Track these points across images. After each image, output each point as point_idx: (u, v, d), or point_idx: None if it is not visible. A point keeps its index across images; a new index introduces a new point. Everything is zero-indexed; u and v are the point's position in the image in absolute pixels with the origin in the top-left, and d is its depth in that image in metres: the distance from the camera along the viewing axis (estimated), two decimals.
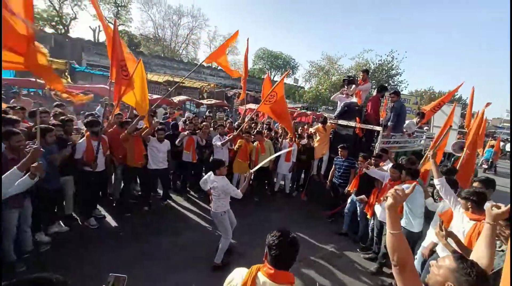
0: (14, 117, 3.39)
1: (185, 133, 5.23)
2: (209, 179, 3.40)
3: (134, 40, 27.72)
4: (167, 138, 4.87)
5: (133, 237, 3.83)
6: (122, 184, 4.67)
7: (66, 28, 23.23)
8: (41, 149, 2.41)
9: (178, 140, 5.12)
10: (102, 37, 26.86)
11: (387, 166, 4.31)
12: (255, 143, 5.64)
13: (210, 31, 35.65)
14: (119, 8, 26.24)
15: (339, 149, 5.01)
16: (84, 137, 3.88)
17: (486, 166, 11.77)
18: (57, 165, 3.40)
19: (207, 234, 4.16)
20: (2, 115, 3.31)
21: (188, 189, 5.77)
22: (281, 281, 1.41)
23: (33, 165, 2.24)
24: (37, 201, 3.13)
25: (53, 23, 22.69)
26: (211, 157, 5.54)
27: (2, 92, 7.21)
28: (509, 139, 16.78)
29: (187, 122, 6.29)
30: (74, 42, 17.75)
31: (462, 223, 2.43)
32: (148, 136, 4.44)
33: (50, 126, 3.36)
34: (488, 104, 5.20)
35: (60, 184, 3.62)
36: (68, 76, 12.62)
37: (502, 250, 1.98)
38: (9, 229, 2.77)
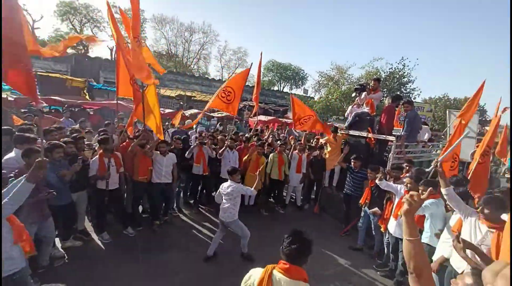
0: (32, 135, 3.56)
1: (195, 144, 5.25)
2: (223, 187, 3.74)
3: None
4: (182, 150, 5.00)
5: (143, 252, 3.83)
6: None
7: (85, 48, 24.71)
8: (46, 159, 2.46)
9: (187, 152, 5.15)
10: None
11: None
12: (272, 155, 5.55)
13: (221, 45, 36.98)
14: None
15: (352, 160, 4.91)
16: (97, 155, 3.94)
17: (509, 176, 11.08)
18: (67, 181, 3.44)
19: (218, 248, 4.11)
20: (22, 134, 3.49)
21: (197, 203, 5.69)
22: (295, 277, 1.52)
23: (38, 160, 2.15)
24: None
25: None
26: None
27: (27, 109, 7.67)
28: None
29: (203, 135, 6.39)
30: (93, 61, 18.83)
31: (475, 233, 2.31)
32: (152, 151, 4.45)
33: (59, 142, 3.45)
34: (505, 109, 4.86)
35: (72, 200, 3.69)
36: (87, 93, 13.29)
37: None
38: None
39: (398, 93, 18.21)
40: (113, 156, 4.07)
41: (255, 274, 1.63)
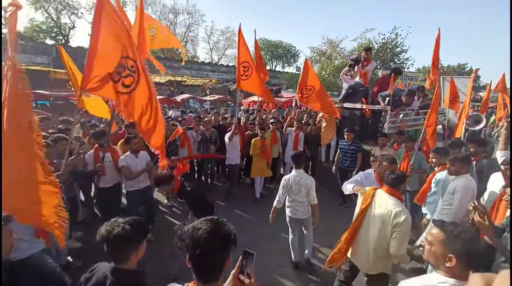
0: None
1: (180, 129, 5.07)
2: (293, 179, 3.12)
3: None
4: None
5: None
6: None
7: (66, 38, 23.48)
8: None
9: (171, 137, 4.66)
10: None
11: (387, 151, 4.21)
12: (265, 134, 5.33)
13: (207, 26, 35.34)
14: None
15: (345, 133, 4.89)
16: (93, 149, 3.69)
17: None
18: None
19: None
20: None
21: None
22: (393, 195, 2.14)
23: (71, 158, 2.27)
24: None
25: (53, 34, 22.96)
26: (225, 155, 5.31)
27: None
28: None
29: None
30: (75, 51, 17.98)
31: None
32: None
33: (62, 135, 3.40)
34: (476, 70, 5.13)
35: (75, 192, 3.66)
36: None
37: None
38: None
39: (392, 63, 17.92)
40: (111, 150, 3.71)
41: None
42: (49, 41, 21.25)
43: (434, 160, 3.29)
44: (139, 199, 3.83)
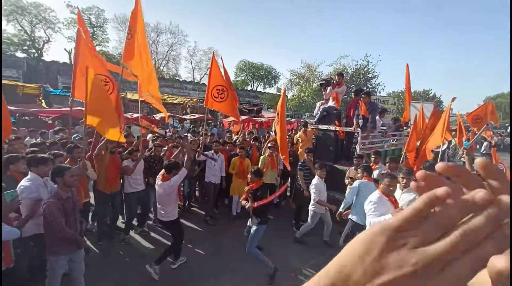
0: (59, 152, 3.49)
1: (165, 147, 5.05)
2: (320, 183, 4.15)
3: (112, 60, 27.37)
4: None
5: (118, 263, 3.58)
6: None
7: (39, 51, 22.66)
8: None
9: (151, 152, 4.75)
10: None
11: (379, 170, 4.35)
12: (263, 157, 5.29)
13: (190, 46, 35.90)
14: (95, 29, 26.01)
15: (305, 154, 4.98)
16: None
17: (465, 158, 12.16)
18: None
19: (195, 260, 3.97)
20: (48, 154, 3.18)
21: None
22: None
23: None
24: None
25: (25, 47, 22.08)
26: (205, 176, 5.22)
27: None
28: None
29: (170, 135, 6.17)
30: (49, 65, 17.29)
31: None
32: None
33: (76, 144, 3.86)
34: (453, 99, 5.38)
35: None
36: (43, 101, 12.18)
37: None
38: (53, 278, 2.41)
39: (365, 88, 19.18)
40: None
41: None
42: (20, 54, 20.35)
43: (404, 181, 3.43)
44: (137, 200, 4.32)
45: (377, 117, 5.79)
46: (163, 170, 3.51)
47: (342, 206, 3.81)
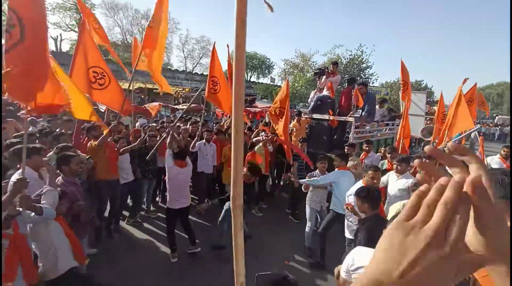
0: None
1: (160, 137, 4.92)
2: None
3: (101, 48, 26.45)
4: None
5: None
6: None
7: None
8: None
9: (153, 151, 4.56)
10: (65, 46, 25.43)
11: (371, 158, 4.39)
12: (258, 148, 5.16)
13: (182, 34, 34.79)
14: (81, 15, 24.93)
15: (299, 143, 5.04)
16: None
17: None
18: None
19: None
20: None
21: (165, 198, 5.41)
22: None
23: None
24: None
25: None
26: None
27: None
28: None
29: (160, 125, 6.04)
30: None
31: None
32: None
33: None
34: (465, 80, 4.57)
35: None
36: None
37: None
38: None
39: (358, 78, 19.19)
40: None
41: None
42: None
43: (399, 168, 3.46)
44: (128, 190, 4.35)
45: (377, 107, 5.82)
46: (176, 158, 3.49)
47: (307, 179, 3.88)
